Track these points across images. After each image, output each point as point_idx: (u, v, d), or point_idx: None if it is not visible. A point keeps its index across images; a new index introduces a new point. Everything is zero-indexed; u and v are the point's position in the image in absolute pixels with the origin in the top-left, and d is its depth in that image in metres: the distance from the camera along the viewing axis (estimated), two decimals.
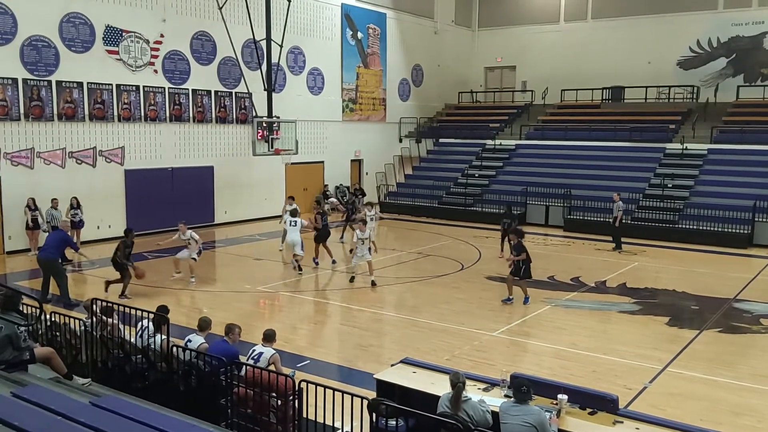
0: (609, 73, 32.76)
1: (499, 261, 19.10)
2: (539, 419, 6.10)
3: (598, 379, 9.96)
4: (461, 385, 6.35)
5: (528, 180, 27.41)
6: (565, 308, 14.34)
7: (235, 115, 25.42)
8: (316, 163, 29.30)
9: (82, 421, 5.30)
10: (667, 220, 23.69)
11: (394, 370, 7.98)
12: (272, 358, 7.98)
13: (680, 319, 13.75)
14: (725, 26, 31.29)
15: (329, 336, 12.96)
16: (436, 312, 13.91)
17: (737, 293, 15.85)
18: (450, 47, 36.83)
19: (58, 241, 14.29)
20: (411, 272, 17.92)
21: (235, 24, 23.87)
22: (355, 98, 31.16)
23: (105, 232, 21.10)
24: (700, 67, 31.95)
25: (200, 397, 7.63)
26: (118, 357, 8.55)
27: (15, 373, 7.19)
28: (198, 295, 15.20)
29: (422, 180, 30.74)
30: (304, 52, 28.15)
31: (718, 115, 28.68)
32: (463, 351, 11.47)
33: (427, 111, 35.80)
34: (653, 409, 8.64)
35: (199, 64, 23.89)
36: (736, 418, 8.95)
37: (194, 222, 23.64)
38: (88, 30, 20.52)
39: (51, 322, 9.19)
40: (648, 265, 19.08)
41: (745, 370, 10.86)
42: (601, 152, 28.38)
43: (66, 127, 20.26)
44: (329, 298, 15.29)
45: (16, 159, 19.20)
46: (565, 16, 35.69)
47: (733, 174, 24.80)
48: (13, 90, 18.95)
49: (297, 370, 9.39)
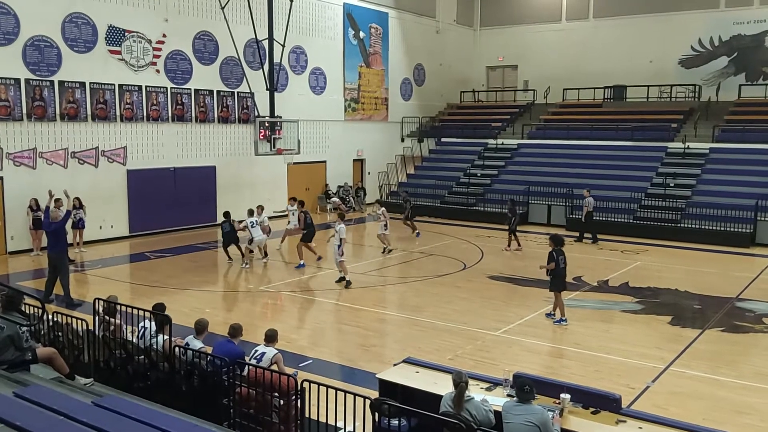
0: (611, 72, 32.77)
1: (502, 257, 19.14)
2: (542, 419, 6.10)
3: (600, 379, 9.96)
4: (464, 385, 6.35)
5: (530, 179, 27.39)
6: (567, 308, 14.28)
7: (238, 114, 25.43)
8: (318, 163, 29.31)
9: (84, 421, 5.30)
10: (669, 219, 23.66)
11: (397, 369, 7.98)
12: (275, 358, 7.98)
13: (683, 318, 13.73)
14: (727, 25, 31.25)
15: (331, 336, 12.96)
16: (439, 311, 13.92)
17: (740, 292, 15.83)
18: (452, 46, 36.82)
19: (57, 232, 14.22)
20: (413, 272, 17.92)
21: (238, 24, 23.87)
22: (358, 98, 31.16)
23: (107, 232, 21.14)
24: (702, 66, 31.92)
25: (202, 397, 7.63)
26: (120, 357, 8.55)
27: (17, 374, 7.19)
28: (200, 295, 15.20)
29: (424, 179, 30.75)
30: (306, 52, 28.16)
31: (720, 114, 28.66)
32: (465, 350, 11.48)
33: (429, 110, 35.80)
34: (656, 408, 8.63)
35: (201, 64, 23.90)
36: (738, 417, 8.93)
37: (196, 222, 23.79)
38: (91, 30, 20.53)
39: (53, 322, 9.20)
40: (650, 265, 19.06)
41: (747, 369, 10.85)
42: (603, 151, 28.37)
43: (68, 127, 20.28)
44: (331, 298, 15.29)
45: (18, 159, 19.22)
46: (567, 15, 35.66)
47: (736, 173, 24.77)
48: (16, 90, 18.96)
49: (299, 370, 9.40)
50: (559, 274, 13.05)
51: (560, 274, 13.05)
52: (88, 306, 11.80)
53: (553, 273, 13.06)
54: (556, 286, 13.16)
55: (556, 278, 13.09)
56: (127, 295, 14.40)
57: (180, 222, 23.39)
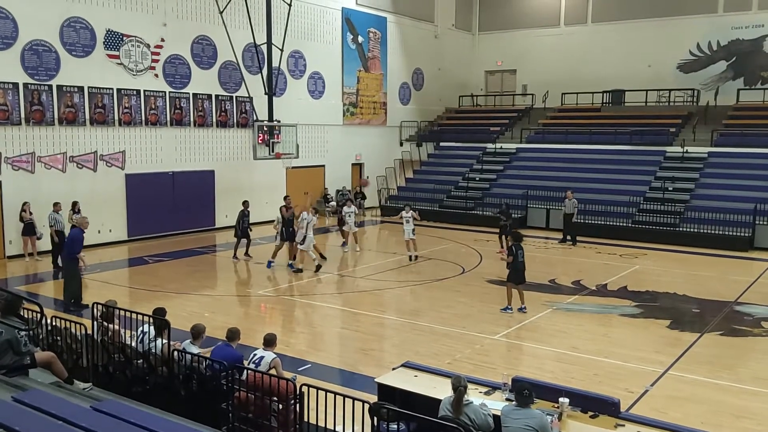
0: (609, 76, 32.82)
1: (500, 262, 19.15)
2: (541, 423, 6.10)
3: (599, 383, 9.95)
4: (463, 389, 6.35)
5: (529, 183, 27.41)
6: (566, 311, 14.33)
7: (236, 119, 25.44)
8: (317, 167, 29.31)
9: (83, 426, 5.29)
10: (667, 223, 23.67)
11: (396, 373, 7.98)
12: (273, 362, 7.98)
13: (681, 322, 13.73)
14: (725, 29, 31.31)
15: (330, 340, 12.95)
16: (438, 315, 13.91)
17: (738, 296, 15.84)
18: (450, 51, 36.87)
19: (69, 241, 14.40)
20: (412, 276, 17.91)
21: (236, 28, 23.90)
22: (356, 102, 31.19)
23: (106, 236, 21.12)
24: (701, 71, 31.98)
25: (201, 402, 7.63)
26: (119, 361, 8.54)
27: (16, 378, 7.18)
28: (199, 299, 15.19)
29: (423, 184, 30.76)
30: (305, 56, 28.19)
31: (718, 119, 28.69)
32: (464, 354, 11.47)
33: (427, 115, 35.84)
34: (655, 412, 8.63)
35: (199, 68, 23.92)
36: (737, 421, 8.94)
37: (195, 226, 23.81)
38: (89, 34, 20.55)
39: (52, 326, 9.18)
40: (649, 268, 19.08)
41: (746, 373, 10.85)
42: (601, 156, 28.40)
43: (67, 131, 20.27)
44: (330, 302, 15.28)
45: (17, 163, 19.21)
46: (566, 20, 35.72)
47: (734, 177, 24.80)
48: (14, 94, 18.97)
49: (298, 374, 9.39)
50: (517, 267, 14.12)
51: (518, 267, 14.12)
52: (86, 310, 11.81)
53: (511, 266, 14.14)
54: (513, 278, 14.18)
55: (514, 271, 14.16)
56: (125, 299, 14.39)
57: (179, 226, 23.40)
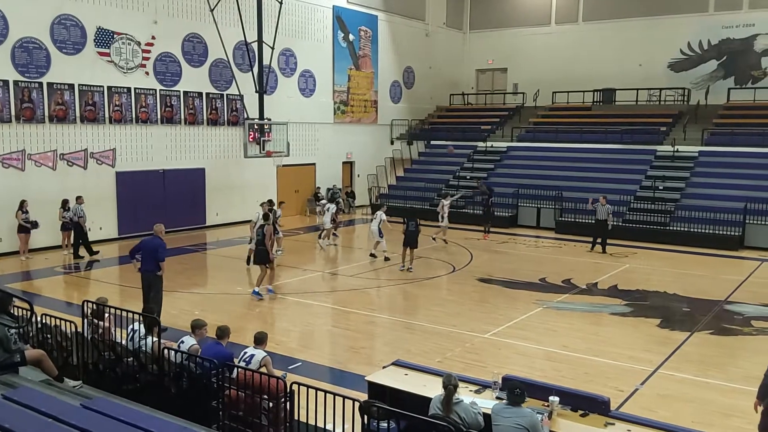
0: (600, 75, 32.90)
1: (491, 260, 19.20)
2: (531, 421, 6.11)
3: (589, 381, 9.97)
4: (453, 387, 6.35)
5: (519, 182, 27.46)
6: (556, 310, 14.36)
7: (227, 117, 25.37)
8: (307, 165, 29.28)
9: (73, 424, 5.29)
10: (658, 222, 23.77)
11: (386, 372, 7.98)
12: (263, 361, 7.96)
13: (671, 321, 13.78)
14: (716, 29, 31.44)
15: (321, 338, 12.93)
16: (428, 314, 13.92)
17: (728, 295, 15.91)
18: (441, 49, 36.88)
19: (151, 250, 12.48)
20: (402, 274, 17.90)
21: (227, 26, 23.83)
22: (347, 100, 31.16)
23: (96, 234, 21.00)
24: (691, 70, 32.10)
25: (191, 400, 7.61)
26: (109, 359, 8.52)
27: (5, 376, 7.17)
28: (189, 297, 15.15)
29: (414, 182, 30.76)
30: (296, 54, 28.14)
31: (708, 118, 28.80)
32: (454, 353, 11.48)
33: (418, 113, 35.85)
34: (645, 410, 8.66)
35: (190, 66, 23.84)
36: (727, 420, 8.98)
37: (185, 224, 23.72)
38: (80, 32, 20.45)
39: (42, 324, 9.15)
40: (639, 267, 19.14)
41: (735, 372, 10.89)
42: (592, 154, 28.47)
43: (57, 129, 20.18)
44: (321, 301, 15.27)
45: (6, 161, 19.10)
46: (556, 19, 35.78)
47: (724, 176, 24.91)
48: (4, 92, 18.86)
49: (288, 372, 9.38)
50: (408, 236, 17.90)
51: (409, 236, 17.90)
52: (76, 308, 11.76)
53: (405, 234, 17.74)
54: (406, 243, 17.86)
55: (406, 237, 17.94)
56: (116, 297, 14.34)
57: (169, 224, 23.09)
